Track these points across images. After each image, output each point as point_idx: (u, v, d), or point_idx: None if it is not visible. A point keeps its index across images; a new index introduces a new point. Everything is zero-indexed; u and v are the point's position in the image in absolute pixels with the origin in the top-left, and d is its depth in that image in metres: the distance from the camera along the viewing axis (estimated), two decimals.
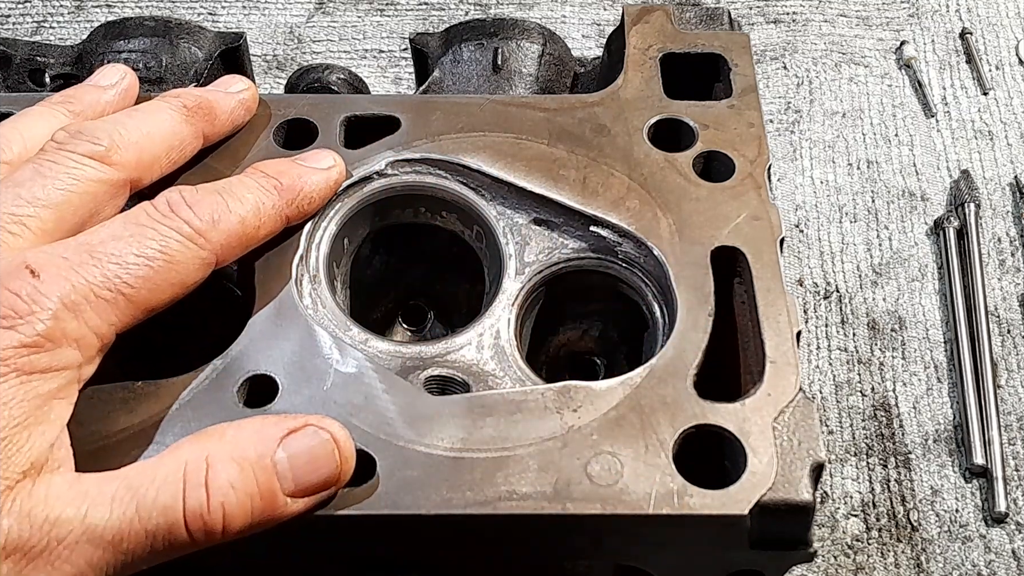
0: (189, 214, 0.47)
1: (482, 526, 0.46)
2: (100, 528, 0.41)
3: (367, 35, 1.01)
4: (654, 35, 0.64)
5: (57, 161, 0.48)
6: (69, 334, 0.43)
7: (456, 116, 0.59)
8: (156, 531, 0.42)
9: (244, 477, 0.43)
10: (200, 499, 0.42)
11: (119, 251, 0.45)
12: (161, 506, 0.42)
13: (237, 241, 0.49)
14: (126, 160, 0.50)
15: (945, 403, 0.79)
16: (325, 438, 0.45)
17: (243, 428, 0.45)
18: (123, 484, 0.42)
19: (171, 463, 0.43)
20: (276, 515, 0.44)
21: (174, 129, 0.53)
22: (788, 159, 0.92)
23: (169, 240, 0.46)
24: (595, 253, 0.56)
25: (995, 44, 1.00)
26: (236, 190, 0.50)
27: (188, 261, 0.47)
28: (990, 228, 0.87)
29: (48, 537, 0.40)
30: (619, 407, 0.49)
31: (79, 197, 0.48)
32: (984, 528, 0.73)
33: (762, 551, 0.47)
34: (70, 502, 0.41)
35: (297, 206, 0.53)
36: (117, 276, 0.44)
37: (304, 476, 0.44)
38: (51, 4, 1.03)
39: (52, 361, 0.43)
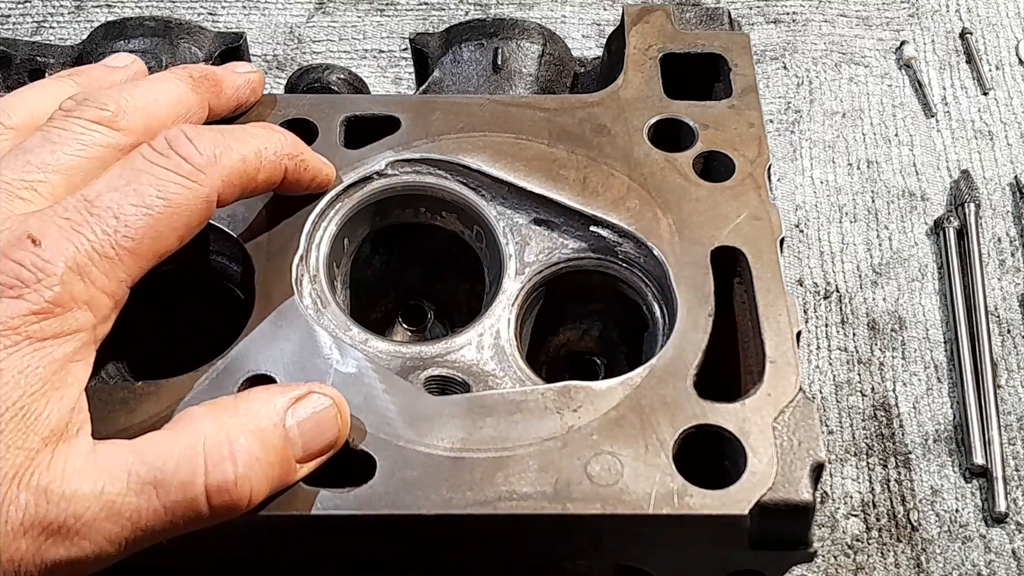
0: (189, 149, 0.47)
1: (482, 526, 0.46)
2: (117, 504, 0.41)
3: (367, 35, 1.01)
4: (654, 35, 0.64)
5: (65, 128, 0.48)
6: (78, 297, 0.43)
7: (456, 116, 0.59)
8: (175, 507, 0.42)
9: (265, 448, 0.44)
10: (226, 473, 0.42)
11: (118, 204, 0.44)
12: (179, 482, 0.42)
13: (238, 179, 0.49)
14: (133, 124, 0.50)
15: (945, 403, 0.78)
16: (328, 403, 0.46)
17: (252, 399, 0.45)
18: (140, 459, 0.42)
19: (188, 438, 0.43)
20: (289, 482, 0.45)
21: (180, 97, 0.53)
22: (788, 159, 0.92)
23: (167, 183, 0.46)
24: (595, 253, 0.56)
25: (995, 44, 1.00)
26: (238, 132, 0.50)
27: (189, 203, 0.46)
28: (990, 228, 0.87)
29: (66, 513, 0.40)
30: (619, 407, 0.49)
31: (88, 162, 0.48)
32: (984, 528, 0.73)
33: (762, 551, 0.47)
34: (87, 477, 0.41)
35: (296, 164, 0.52)
36: (117, 231, 0.44)
37: (311, 441, 0.46)
38: (51, 4, 1.03)
39: (64, 325, 0.42)
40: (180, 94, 0.53)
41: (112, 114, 0.49)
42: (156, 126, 0.51)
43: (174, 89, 0.53)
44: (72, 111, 0.49)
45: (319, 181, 0.55)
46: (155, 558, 0.49)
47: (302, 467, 0.46)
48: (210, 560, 0.50)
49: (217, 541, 0.48)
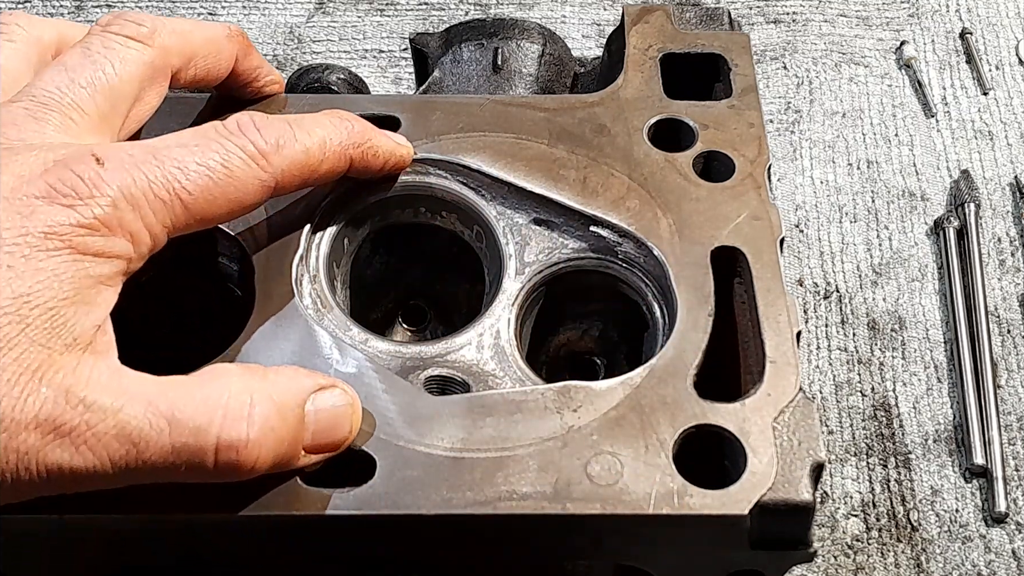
0: (256, 135, 0.48)
1: (482, 526, 0.46)
2: (130, 427, 0.41)
3: (367, 35, 1.01)
4: (654, 35, 0.64)
5: (105, 45, 0.49)
6: (125, 224, 0.43)
7: (456, 116, 0.59)
8: (183, 449, 0.42)
9: (282, 420, 0.44)
10: (240, 432, 0.43)
11: (182, 158, 0.45)
12: (194, 426, 0.42)
13: (299, 170, 0.50)
14: (169, 44, 0.51)
15: (945, 403, 0.79)
16: (348, 402, 0.47)
17: (281, 373, 0.46)
18: (162, 393, 0.42)
19: (214, 388, 0.43)
20: (291, 465, 0.45)
21: (214, 35, 0.54)
22: (788, 159, 0.92)
23: (232, 156, 0.47)
24: (595, 253, 0.56)
25: (995, 44, 1.00)
26: (306, 122, 0.51)
27: (248, 179, 0.47)
28: (990, 228, 0.87)
29: (80, 419, 0.41)
30: (619, 407, 0.49)
31: (127, 83, 0.49)
32: (984, 528, 0.73)
33: (762, 551, 0.47)
34: (108, 391, 0.42)
35: (363, 152, 0.53)
36: (177, 180, 0.45)
37: (323, 432, 0.46)
38: (51, 4, 1.03)
39: (106, 246, 0.43)
40: (214, 32, 0.55)
41: (149, 30, 0.51)
42: (189, 51, 0.52)
43: (209, 27, 0.55)
44: (109, 26, 0.51)
45: (393, 163, 0.55)
46: (155, 557, 0.49)
47: (306, 456, 0.46)
48: (209, 560, 0.50)
49: (217, 540, 0.48)
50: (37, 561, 0.49)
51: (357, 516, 0.46)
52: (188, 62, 0.53)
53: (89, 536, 0.47)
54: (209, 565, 0.50)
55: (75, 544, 0.48)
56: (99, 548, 0.48)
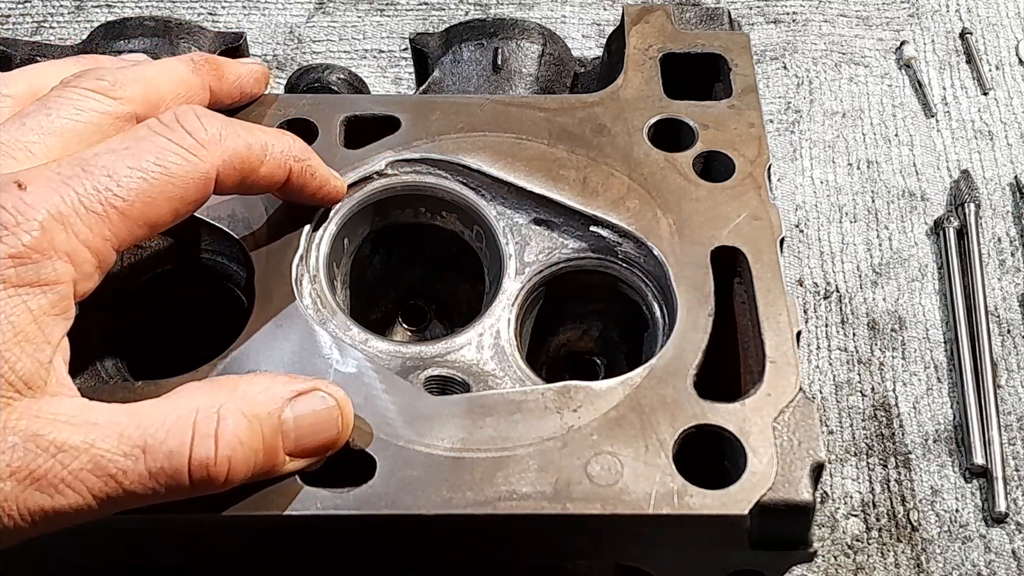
0: (195, 125, 0.47)
1: (482, 526, 0.46)
2: (105, 459, 0.41)
3: (367, 35, 1.01)
4: (654, 35, 0.64)
5: (62, 96, 0.49)
6: (58, 246, 0.42)
7: (456, 116, 0.59)
8: (159, 473, 0.42)
9: (252, 433, 0.44)
10: (208, 450, 0.43)
11: (112, 164, 0.44)
12: (168, 450, 0.42)
13: (240, 163, 0.48)
14: (132, 95, 0.50)
15: (945, 403, 0.79)
16: (331, 404, 0.46)
17: (254, 383, 0.45)
18: (133, 422, 0.42)
19: (182, 408, 0.43)
20: (274, 472, 0.45)
21: (181, 76, 0.53)
22: (788, 159, 0.92)
23: (166, 152, 0.46)
24: (595, 253, 0.56)
25: (995, 44, 1.00)
26: (248, 124, 0.50)
27: (186, 175, 0.46)
28: (990, 228, 0.87)
29: (54, 460, 0.40)
30: (619, 407, 0.49)
31: (84, 126, 0.48)
32: (984, 528, 0.73)
33: (762, 551, 0.47)
34: (78, 429, 0.41)
35: (302, 167, 0.52)
36: (108, 189, 0.44)
37: (306, 438, 0.45)
38: (51, 4, 1.03)
39: (41, 273, 0.42)
40: (180, 73, 0.53)
41: (109, 84, 0.49)
42: (155, 100, 0.51)
43: (174, 68, 0.53)
44: (70, 83, 0.50)
45: (327, 191, 0.54)
46: (156, 557, 0.49)
47: (293, 460, 0.46)
48: (210, 560, 0.50)
49: (217, 540, 0.48)
50: (37, 561, 0.49)
51: (357, 516, 0.46)
52: (155, 109, 0.51)
53: (89, 536, 0.47)
54: (209, 565, 0.50)
55: (75, 544, 0.48)
56: (99, 548, 0.48)
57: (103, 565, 0.50)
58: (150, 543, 0.48)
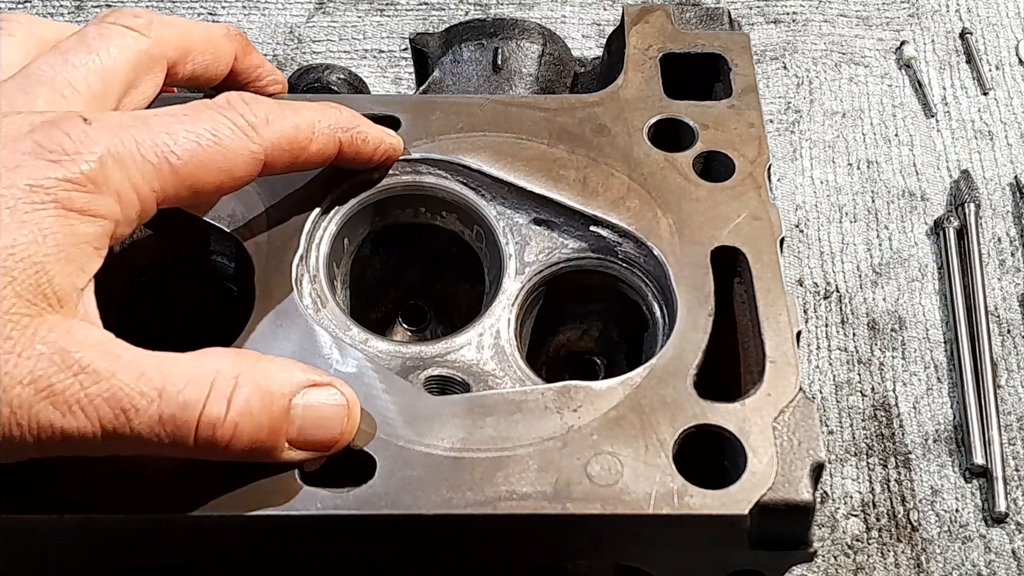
0: (245, 109, 0.48)
1: (482, 526, 0.46)
2: (122, 393, 0.41)
3: (367, 35, 1.01)
4: (654, 35, 0.64)
5: (101, 32, 0.50)
6: (111, 183, 0.43)
7: (456, 116, 0.59)
8: (169, 421, 0.42)
9: (263, 406, 0.44)
10: (220, 409, 0.43)
11: (171, 125, 0.46)
12: (183, 400, 0.42)
13: (288, 145, 0.50)
14: (165, 36, 0.52)
15: (945, 403, 0.79)
16: (342, 403, 0.46)
17: (274, 362, 0.46)
18: (156, 366, 0.43)
19: (205, 366, 0.44)
20: (271, 454, 0.45)
21: (212, 34, 0.55)
22: (788, 159, 0.92)
23: (221, 126, 0.47)
24: (595, 253, 0.56)
25: (995, 44, 1.00)
26: (295, 103, 0.51)
27: (238, 149, 0.47)
28: (990, 228, 0.87)
29: (75, 380, 0.41)
30: (619, 407, 0.49)
31: (123, 65, 0.50)
32: (984, 528, 0.73)
33: (762, 551, 0.47)
34: (103, 356, 0.42)
35: (352, 136, 0.53)
36: (165, 144, 0.45)
37: (309, 429, 0.46)
38: (51, 4, 1.03)
39: (91, 203, 0.43)
40: (213, 32, 0.55)
41: (145, 21, 0.51)
42: (186, 45, 0.53)
43: (207, 26, 0.55)
44: (107, 17, 0.51)
45: (383, 151, 0.55)
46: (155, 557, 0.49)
47: (291, 450, 0.46)
48: (210, 560, 0.50)
49: (217, 540, 0.48)
50: (37, 561, 0.49)
51: (357, 516, 0.46)
52: (185, 56, 0.53)
53: (89, 536, 0.47)
54: (209, 565, 0.50)
55: (75, 544, 0.48)
56: (99, 548, 0.48)
57: (103, 565, 0.50)
58: (150, 543, 0.48)
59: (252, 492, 0.46)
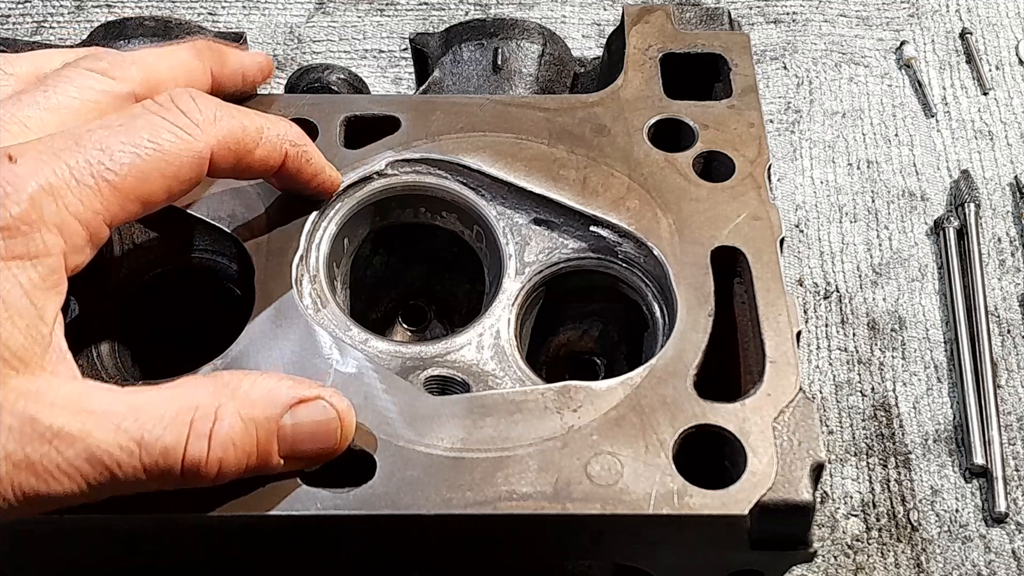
0: (190, 105, 0.47)
1: (482, 526, 0.46)
2: (100, 451, 0.41)
3: (367, 35, 1.01)
4: (654, 35, 0.64)
5: (61, 75, 0.49)
6: (48, 219, 0.42)
7: (456, 116, 0.59)
8: (153, 467, 0.42)
9: (246, 436, 0.44)
10: (201, 450, 0.43)
11: (105, 139, 0.44)
12: (163, 447, 0.42)
13: (235, 144, 0.48)
14: (130, 75, 0.50)
15: (945, 403, 0.78)
16: (332, 416, 0.46)
17: (257, 385, 0.45)
18: (131, 414, 0.42)
19: (182, 404, 0.43)
20: (268, 471, 0.45)
21: (182, 60, 0.53)
22: (788, 159, 0.92)
23: (160, 130, 0.45)
24: (595, 253, 0.56)
25: (995, 44, 0.99)
26: (246, 108, 0.50)
27: (180, 152, 0.46)
28: (990, 228, 0.87)
29: (50, 447, 0.40)
30: (619, 407, 0.49)
31: (81, 103, 0.48)
32: (984, 528, 0.73)
33: (762, 551, 0.47)
34: (74, 415, 0.41)
35: (298, 152, 0.52)
36: (100, 162, 0.43)
37: (303, 444, 0.45)
38: (51, 4, 1.03)
39: (30, 246, 0.41)
40: (181, 57, 0.53)
41: (108, 65, 0.50)
42: (155, 81, 0.51)
43: (175, 52, 0.53)
44: (70, 63, 0.50)
45: (321, 180, 0.54)
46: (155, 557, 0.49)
47: (289, 463, 0.46)
48: (210, 560, 0.50)
49: (217, 540, 0.48)
50: (37, 561, 0.49)
51: (357, 516, 0.46)
52: (154, 90, 0.50)
53: (89, 536, 0.47)
54: (209, 565, 0.50)
55: (75, 544, 0.48)
56: (99, 548, 0.48)
57: (103, 565, 0.50)
58: (150, 543, 0.48)
59: (252, 492, 0.46)
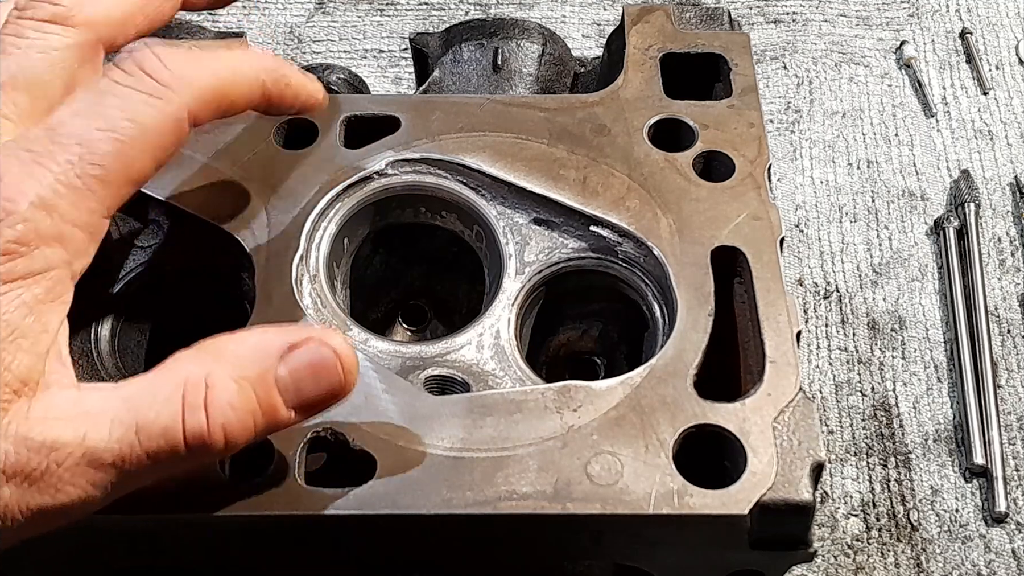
0: (156, 65, 0.44)
1: (482, 526, 0.46)
2: (100, 451, 0.40)
3: (367, 35, 1.01)
4: (654, 35, 0.64)
5: (20, 34, 0.45)
6: (45, 233, 0.40)
7: (456, 116, 0.59)
8: (158, 452, 0.41)
9: (244, 396, 0.42)
10: (200, 421, 0.41)
11: (82, 130, 0.42)
12: (161, 427, 0.40)
13: (212, 95, 0.45)
14: (92, 18, 0.46)
15: (945, 403, 0.78)
16: (328, 354, 0.43)
17: (243, 342, 0.43)
18: (124, 405, 0.41)
19: (171, 382, 0.41)
20: (279, 427, 0.43)
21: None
22: (788, 159, 0.92)
23: (134, 103, 0.43)
24: (595, 253, 0.56)
25: (995, 44, 0.99)
26: (211, 47, 0.48)
27: (158, 123, 0.43)
28: (990, 228, 0.87)
29: (48, 460, 0.39)
30: (619, 407, 0.49)
31: (49, 69, 0.45)
32: (984, 528, 0.73)
33: (762, 551, 0.47)
34: (69, 423, 0.40)
35: (276, 80, 0.49)
36: (83, 159, 0.41)
37: (307, 390, 0.43)
38: None
39: (32, 265, 0.40)
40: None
41: (67, 8, 0.46)
42: (119, 16, 0.48)
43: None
44: (25, 10, 0.46)
45: (304, 99, 0.52)
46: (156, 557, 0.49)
47: (300, 412, 0.43)
48: (211, 560, 0.50)
49: (218, 541, 0.48)
50: (37, 561, 0.49)
51: (357, 516, 0.46)
52: (122, 27, 0.48)
53: (89, 536, 0.47)
54: (209, 565, 0.50)
55: (75, 544, 0.48)
56: (99, 548, 0.48)
57: (103, 565, 0.50)
58: (150, 543, 0.48)
59: (252, 492, 0.46)
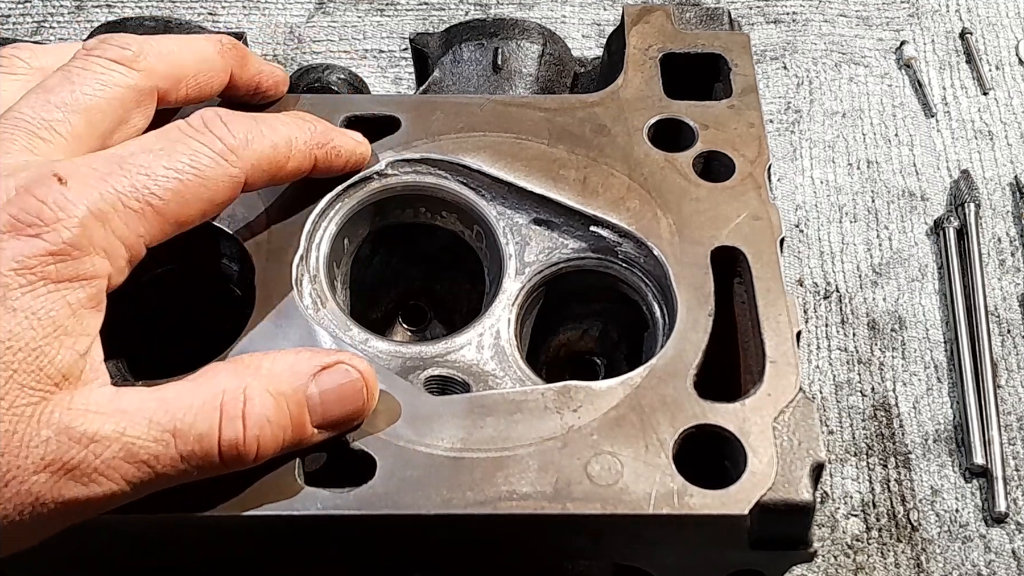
0: (223, 130, 0.48)
1: (482, 526, 0.46)
2: (137, 447, 0.42)
3: (367, 35, 1.01)
4: (654, 35, 0.64)
5: (85, 67, 0.49)
6: (97, 242, 0.43)
7: (456, 116, 0.59)
8: (191, 456, 0.43)
9: (279, 411, 0.45)
10: (237, 431, 0.43)
11: (149, 163, 0.45)
12: (197, 433, 0.43)
13: (268, 164, 0.49)
14: (153, 67, 0.50)
15: (945, 403, 0.78)
16: (355, 376, 0.47)
17: (278, 361, 0.46)
18: (161, 407, 0.43)
19: (209, 391, 0.44)
20: (303, 444, 0.46)
21: (204, 54, 0.53)
22: (788, 159, 0.92)
23: (200, 155, 0.46)
24: (595, 253, 0.56)
25: (995, 44, 0.99)
26: (271, 120, 0.51)
27: (218, 177, 0.47)
28: (990, 228, 0.87)
29: (87, 451, 0.41)
30: (619, 407, 0.49)
31: (107, 102, 0.48)
32: (984, 528, 0.73)
33: (762, 551, 0.47)
34: (108, 418, 0.42)
35: (327, 152, 0.53)
36: (146, 187, 0.44)
37: (332, 410, 0.46)
38: (51, 4, 1.03)
39: (80, 269, 0.42)
40: (204, 51, 0.53)
41: (133, 54, 0.50)
42: (176, 73, 0.51)
43: (200, 46, 0.53)
44: (93, 50, 0.50)
45: (353, 163, 0.56)
46: (156, 557, 0.49)
47: (319, 432, 0.47)
48: (210, 560, 0.50)
49: (218, 540, 0.48)
50: (37, 561, 0.49)
51: (357, 516, 0.46)
52: (177, 84, 0.52)
53: (89, 536, 0.47)
54: (209, 565, 0.50)
55: (75, 544, 0.48)
56: (99, 548, 0.48)
57: (103, 565, 0.50)
58: (151, 543, 0.48)
59: (252, 492, 0.46)
